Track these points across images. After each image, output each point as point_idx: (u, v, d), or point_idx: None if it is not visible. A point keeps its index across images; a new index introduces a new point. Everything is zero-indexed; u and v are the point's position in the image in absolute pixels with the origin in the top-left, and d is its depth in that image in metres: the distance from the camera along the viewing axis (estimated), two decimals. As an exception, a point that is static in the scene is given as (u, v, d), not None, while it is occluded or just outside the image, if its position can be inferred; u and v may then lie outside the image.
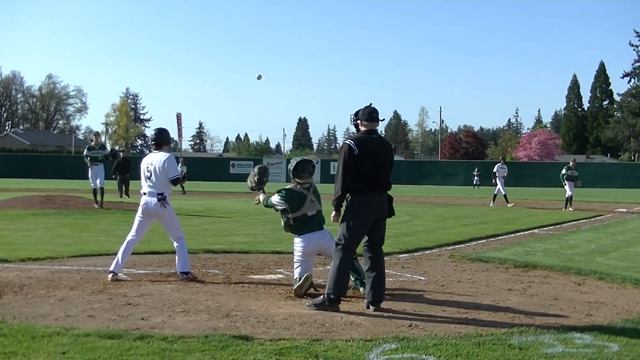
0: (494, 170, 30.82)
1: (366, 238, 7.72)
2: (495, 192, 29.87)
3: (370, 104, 7.83)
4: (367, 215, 7.53)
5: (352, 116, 8.04)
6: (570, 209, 26.79)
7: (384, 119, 7.95)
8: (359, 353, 5.57)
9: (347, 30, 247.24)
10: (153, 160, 9.37)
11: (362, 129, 7.76)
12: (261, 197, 9.25)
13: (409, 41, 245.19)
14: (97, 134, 24.32)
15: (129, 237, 9.45)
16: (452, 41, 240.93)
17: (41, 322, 6.46)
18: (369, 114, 7.71)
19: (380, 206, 7.62)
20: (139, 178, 9.60)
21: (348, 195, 7.57)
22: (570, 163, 28.89)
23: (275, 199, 8.69)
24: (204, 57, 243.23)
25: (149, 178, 9.32)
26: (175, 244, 9.41)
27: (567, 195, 27.55)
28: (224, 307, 7.41)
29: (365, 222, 7.54)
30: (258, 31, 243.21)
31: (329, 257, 8.21)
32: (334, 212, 7.71)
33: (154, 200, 9.26)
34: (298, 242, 8.46)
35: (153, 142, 9.67)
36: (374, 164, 7.51)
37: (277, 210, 8.73)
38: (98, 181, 21.63)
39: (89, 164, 21.84)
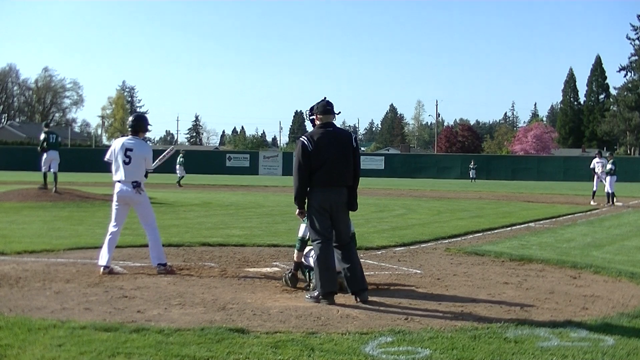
0: (596, 166, 28.07)
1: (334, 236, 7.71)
2: (608, 190, 26.95)
3: (325, 97, 7.86)
4: (322, 208, 7.56)
5: (307, 112, 8.02)
6: (618, 203, 26.73)
7: (339, 112, 7.94)
8: (354, 346, 5.58)
9: (343, 23, 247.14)
10: (133, 147, 9.33)
11: (318, 123, 7.77)
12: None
13: (406, 34, 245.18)
14: (47, 124, 24.63)
15: (111, 229, 9.33)
16: (448, 34, 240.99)
17: (37, 315, 6.46)
18: (324, 107, 7.75)
19: (336, 201, 7.61)
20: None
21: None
22: (608, 156, 27.87)
23: (301, 230, 8.46)
24: (201, 50, 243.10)
25: (127, 164, 9.27)
26: (149, 235, 9.37)
27: (609, 191, 26.85)
28: (220, 300, 7.41)
29: (322, 214, 7.57)
30: (254, 24, 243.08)
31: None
32: (297, 210, 7.79)
33: (129, 187, 9.27)
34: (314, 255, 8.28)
35: (130, 128, 9.60)
36: (329, 157, 7.53)
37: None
38: (52, 166, 22.46)
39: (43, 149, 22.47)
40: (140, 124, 9.58)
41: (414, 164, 72.75)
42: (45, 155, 22.44)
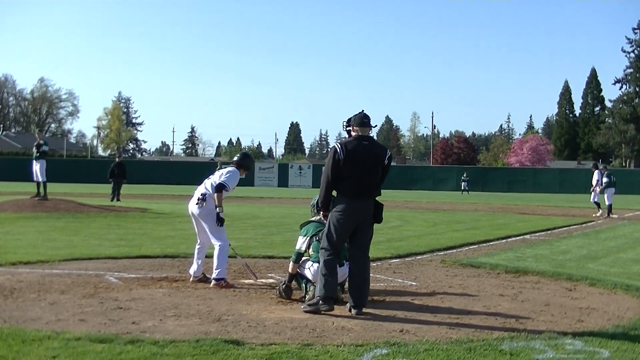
0: (600, 179, 27.63)
1: (351, 241, 7.76)
2: (595, 200, 27.91)
3: (362, 110, 7.89)
4: (348, 220, 7.58)
5: (344, 123, 8.11)
6: (614, 215, 26.70)
7: (376, 125, 8.04)
8: (350, 358, 5.57)
9: (339, 35, 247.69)
10: (222, 170, 9.55)
11: (354, 134, 7.81)
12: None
13: (402, 46, 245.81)
14: (38, 132, 24.66)
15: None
16: (444, 47, 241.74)
17: (32, 326, 6.43)
18: (361, 119, 7.78)
19: (364, 213, 7.65)
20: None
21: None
22: (602, 169, 28.15)
23: (299, 242, 8.43)
24: (197, 61, 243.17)
25: (207, 177, 9.53)
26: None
27: (609, 202, 26.91)
28: (215, 312, 7.40)
29: (346, 227, 7.60)
30: (250, 35, 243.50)
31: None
32: (322, 213, 7.91)
33: (195, 200, 9.39)
34: (312, 267, 8.25)
35: (234, 161, 9.73)
36: (359, 169, 7.56)
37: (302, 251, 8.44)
38: (39, 176, 22.65)
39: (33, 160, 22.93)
40: (241, 160, 9.71)
41: (410, 176, 72.70)
42: (40, 164, 22.51)
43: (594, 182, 28.04)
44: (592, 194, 28.30)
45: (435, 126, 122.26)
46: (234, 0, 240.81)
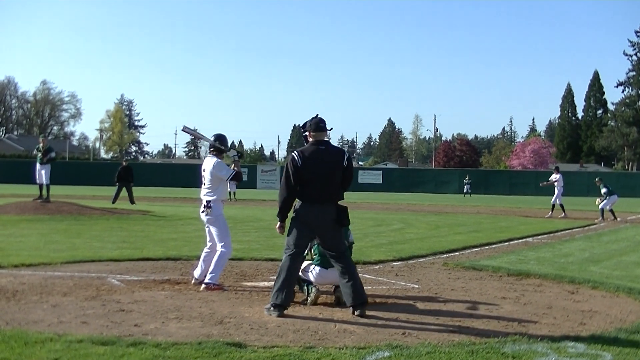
0: (560, 184, 29.66)
1: (325, 247, 7.80)
2: (560, 203, 29.07)
3: (317, 114, 7.90)
4: (307, 224, 7.64)
5: (300, 128, 8.09)
6: (609, 219, 26.81)
7: (332, 129, 8.05)
8: (352, 361, 5.57)
9: (341, 38, 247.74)
10: (206, 166, 9.45)
11: (310, 139, 7.82)
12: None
13: (404, 49, 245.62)
14: (43, 138, 24.75)
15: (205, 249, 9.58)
16: (446, 49, 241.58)
17: (34, 328, 6.44)
18: (316, 124, 7.80)
19: (322, 216, 7.65)
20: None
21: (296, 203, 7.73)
22: (597, 181, 29.03)
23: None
24: (199, 64, 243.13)
25: (203, 183, 9.43)
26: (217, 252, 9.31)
27: (609, 208, 27.20)
28: (217, 314, 7.40)
29: (303, 230, 7.65)
30: (253, 38, 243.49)
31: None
32: (278, 223, 7.87)
33: (202, 207, 9.37)
34: (314, 270, 8.29)
35: (211, 148, 9.60)
36: (318, 175, 7.59)
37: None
38: (44, 179, 22.97)
39: (37, 163, 23.19)
40: (216, 143, 9.55)
41: (412, 179, 72.76)
42: (46, 169, 22.73)
43: (555, 183, 29.46)
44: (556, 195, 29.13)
45: (437, 129, 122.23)
46: (236, 3, 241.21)
